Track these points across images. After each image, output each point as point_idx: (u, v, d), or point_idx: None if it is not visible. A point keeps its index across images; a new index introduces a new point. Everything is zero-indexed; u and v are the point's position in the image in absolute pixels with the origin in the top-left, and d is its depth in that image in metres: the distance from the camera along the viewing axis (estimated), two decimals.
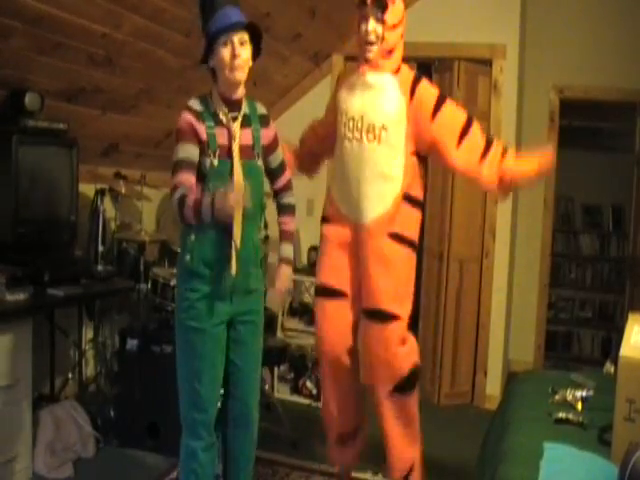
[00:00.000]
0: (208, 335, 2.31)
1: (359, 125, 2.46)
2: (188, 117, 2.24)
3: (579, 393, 2.40)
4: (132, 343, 3.29)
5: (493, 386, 4.38)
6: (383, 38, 2.39)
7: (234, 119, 2.29)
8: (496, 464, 2.03)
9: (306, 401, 4.15)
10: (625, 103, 4.78)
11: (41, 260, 2.98)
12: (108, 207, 3.66)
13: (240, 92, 2.30)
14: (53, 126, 3.07)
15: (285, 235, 2.56)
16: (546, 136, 4.91)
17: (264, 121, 2.41)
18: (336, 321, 2.55)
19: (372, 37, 2.39)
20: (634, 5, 4.57)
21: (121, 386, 3.35)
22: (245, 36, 2.20)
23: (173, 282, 3.32)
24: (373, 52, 2.42)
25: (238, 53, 2.17)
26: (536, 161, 2.45)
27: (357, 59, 2.54)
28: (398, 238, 2.44)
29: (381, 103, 2.45)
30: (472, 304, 4.35)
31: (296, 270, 4.48)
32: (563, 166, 5.10)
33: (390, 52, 2.44)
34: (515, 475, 1.82)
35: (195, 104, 2.27)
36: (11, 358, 2.63)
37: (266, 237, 3.77)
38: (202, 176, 2.26)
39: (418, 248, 2.59)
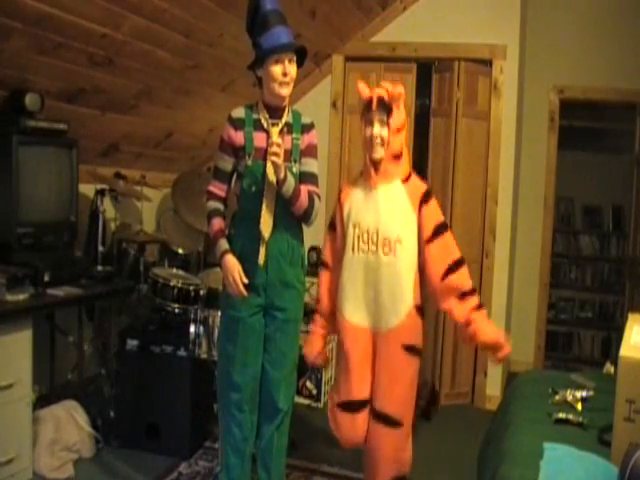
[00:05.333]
0: (242, 323, 2.53)
1: (374, 238, 2.43)
2: (227, 128, 2.49)
3: (579, 393, 2.40)
4: (132, 343, 3.30)
5: (493, 387, 4.38)
6: (388, 142, 2.40)
7: (275, 125, 2.47)
8: (496, 464, 2.03)
9: (306, 401, 4.15)
10: (625, 103, 4.78)
11: (41, 260, 2.98)
12: (108, 207, 3.66)
13: (284, 102, 2.49)
14: (53, 126, 3.07)
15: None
16: (546, 136, 4.93)
17: (306, 129, 2.54)
18: (362, 427, 2.51)
19: (378, 140, 2.40)
20: (634, 5, 4.58)
21: (121, 386, 3.35)
22: (294, 56, 2.44)
23: (173, 282, 3.33)
24: (380, 153, 2.40)
25: (288, 71, 2.40)
26: (498, 335, 2.39)
27: (364, 168, 2.48)
28: (410, 349, 2.46)
29: (394, 215, 2.43)
30: None
31: None
32: (563, 166, 5.14)
33: (397, 157, 2.44)
34: (515, 475, 1.83)
35: (237, 112, 2.50)
36: (11, 358, 2.63)
37: None
38: (239, 175, 2.51)
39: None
